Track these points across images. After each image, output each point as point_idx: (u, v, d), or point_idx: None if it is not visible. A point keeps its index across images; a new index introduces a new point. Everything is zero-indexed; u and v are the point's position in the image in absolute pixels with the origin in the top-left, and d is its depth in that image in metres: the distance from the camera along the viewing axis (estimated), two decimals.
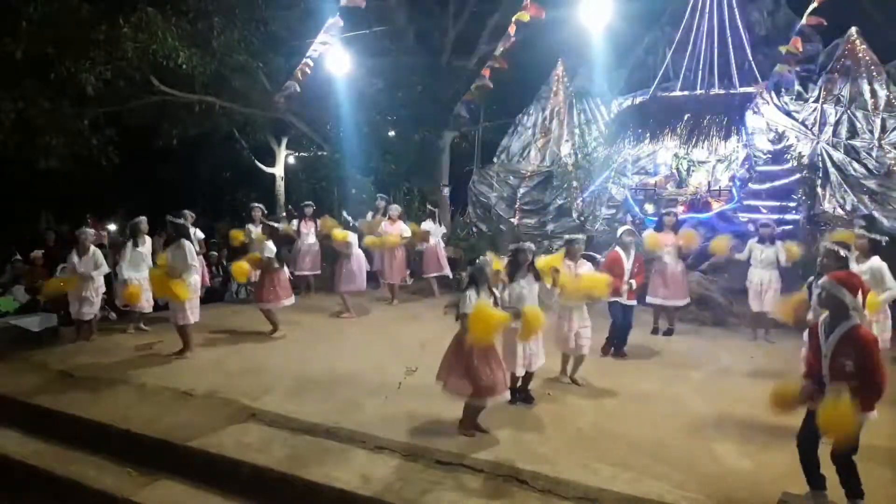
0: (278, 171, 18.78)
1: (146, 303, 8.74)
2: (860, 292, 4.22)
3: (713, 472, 4.50)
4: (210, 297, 10.55)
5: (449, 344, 5.12)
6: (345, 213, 10.92)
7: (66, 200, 17.02)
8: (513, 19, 11.17)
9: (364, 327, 9.28)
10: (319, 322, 9.49)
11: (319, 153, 18.30)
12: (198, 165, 18.73)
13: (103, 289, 8.60)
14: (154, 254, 8.88)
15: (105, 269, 8.43)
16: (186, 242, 7.40)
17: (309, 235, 10.97)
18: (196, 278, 7.81)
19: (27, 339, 8.41)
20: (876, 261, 6.10)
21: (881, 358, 3.92)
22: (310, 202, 11.64)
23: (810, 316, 5.05)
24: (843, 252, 4.99)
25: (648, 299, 8.27)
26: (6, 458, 5.64)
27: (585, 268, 6.38)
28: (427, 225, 11.25)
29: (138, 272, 8.48)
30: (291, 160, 19.68)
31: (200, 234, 9.35)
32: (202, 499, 4.80)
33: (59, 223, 16.94)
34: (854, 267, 5.67)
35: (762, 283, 7.92)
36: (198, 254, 8.15)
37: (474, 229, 13.14)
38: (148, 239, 8.90)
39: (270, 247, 8.65)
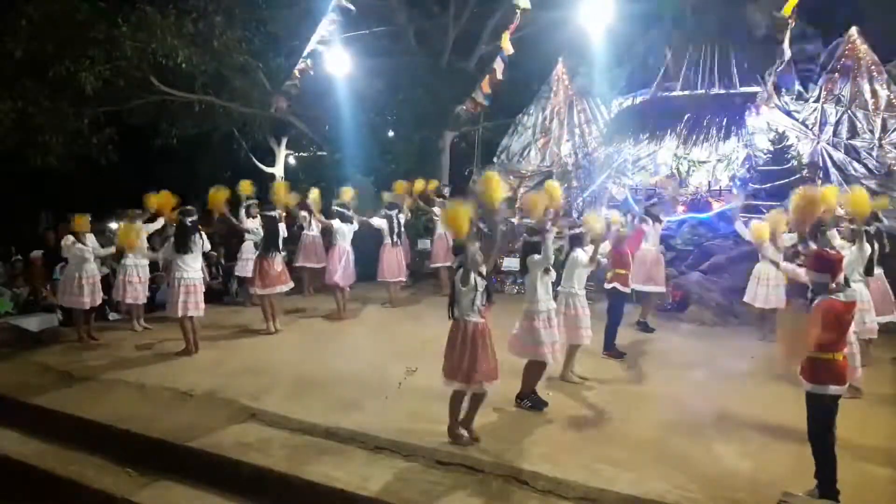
0: (278, 171, 18.75)
1: (142, 296, 8.85)
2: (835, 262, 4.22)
3: (713, 472, 4.50)
4: (210, 297, 10.53)
5: (446, 343, 5.03)
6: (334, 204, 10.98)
7: (66, 200, 16.99)
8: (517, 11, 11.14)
9: (364, 327, 9.27)
10: (319, 322, 9.47)
11: (319, 153, 18.29)
12: (198, 165, 18.70)
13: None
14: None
15: (109, 250, 8.68)
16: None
17: (312, 228, 11.08)
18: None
19: (27, 339, 8.42)
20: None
21: (821, 322, 4.00)
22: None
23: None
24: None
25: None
26: (6, 458, 5.64)
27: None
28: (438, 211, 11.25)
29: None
30: (291, 160, 19.66)
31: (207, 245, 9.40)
32: (202, 499, 4.79)
33: (59, 223, 16.91)
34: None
35: (769, 278, 7.69)
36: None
37: (475, 229, 13.10)
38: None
39: (258, 230, 8.65)
